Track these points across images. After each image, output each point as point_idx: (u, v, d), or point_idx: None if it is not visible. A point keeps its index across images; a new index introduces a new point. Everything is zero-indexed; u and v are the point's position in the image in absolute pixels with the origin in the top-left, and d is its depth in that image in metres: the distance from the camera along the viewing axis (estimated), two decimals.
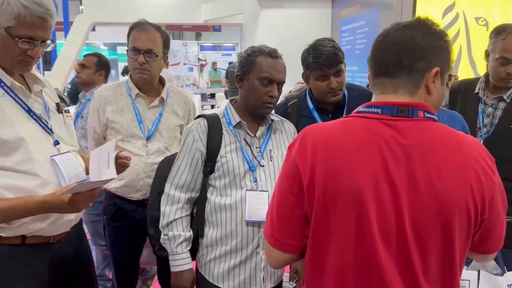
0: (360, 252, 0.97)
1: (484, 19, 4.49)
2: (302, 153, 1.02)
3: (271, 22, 6.00)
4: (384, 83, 1.02)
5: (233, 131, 1.64)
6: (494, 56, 2.00)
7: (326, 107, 1.95)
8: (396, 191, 0.95)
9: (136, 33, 2.00)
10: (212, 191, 1.64)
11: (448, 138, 0.99)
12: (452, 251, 0.98)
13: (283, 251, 1.08)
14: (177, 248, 1.63)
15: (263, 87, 1.59)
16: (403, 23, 1.03)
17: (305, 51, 1.90)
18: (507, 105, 2.03)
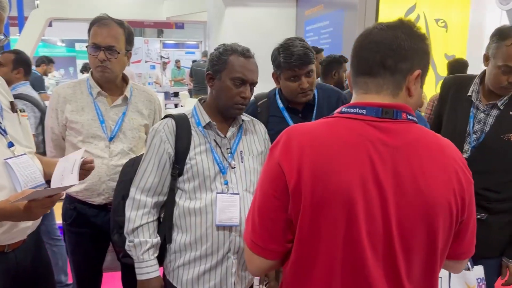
0: (348, 256, 0.96)
1: (444, 20, 4.64)
2: (287, 155, 0.98)
3: (235, 20, 5.95)
4: (367, 83, 1.01)
5: (202, 132, 1.58)
6: (496, 63, 1.80)
7: (296, 107, 1.93)
8: (384, 193, 0.94)
9: (97, 28, 1.89)
10: (180, 195, 1.58)
11: (429, 140, 1.00)
12: (434, 252, 0.99)
13: (265, 257, 1.04)
14: (143, 255, 1.56)
15: (236, 88, 1.54)
16: (386, 23, 1.01)
17: (275, 51, 1.86)
18: (501, 113, 1.87)
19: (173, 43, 13.71)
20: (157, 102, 2.13)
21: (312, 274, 0.99)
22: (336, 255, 0.96)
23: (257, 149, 1.66)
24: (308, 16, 5.41)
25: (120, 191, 1.72)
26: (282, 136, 1.02)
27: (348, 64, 3.11)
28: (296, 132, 1.01)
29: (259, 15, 5.87)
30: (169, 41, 13.72)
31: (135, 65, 12.31)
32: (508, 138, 1.83)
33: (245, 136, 1.65)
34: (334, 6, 4.62)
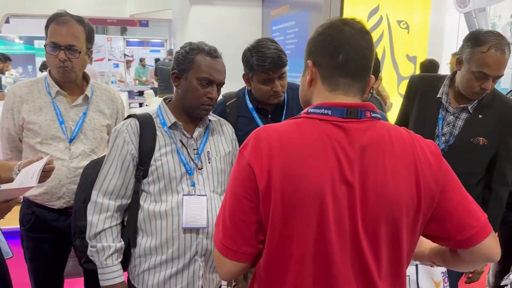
0: (319, 255, 0.97)
1: (406, 22, 4.76)
2: (257, 156, 0.97)
3: (201, 19, 5.89)
4: (350, 85, 1.02)
5: (168, 132, 1.54)
6: (470, 68, 1.78)
7: (266, 108, 1.92)
8: (351, 193, 0.96)
9: (56, 26, 1.80)
10: (145, 197, 1.53)
11: (393, 136, 1.01)
12: (400, 249, 1.00)
13: (237, 260, 1.03)
14: (106, 261, 1.50)
15: (202, 88, 1.50)
16: (355, 25, 1.02)
17: (247, 52, 1.83)
18: (470, 116, 1.88)
19: (137, 41, 13.41)
20: (120, 101, 2.06)
21: (285, 274, 0.99)
22: (307, 254, 0.96)
23: (224, 149, 1.64)
24: (274, 16, 5.42)
25: (81, 194, 1.65)
26: (251, 137, 1.01)
27: None
28: (265, 133, 1.00)
29: (225, 14, 5.83)
30: (133, 39, 13.41)
31: (98, 63, 11.96)
32: (477, 142, 1.85)
33: (212, 137, 1.63)
34: (299, 6, 4.65)
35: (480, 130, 1.85)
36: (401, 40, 4.74)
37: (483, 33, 1.80)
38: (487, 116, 1.86)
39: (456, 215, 1.02)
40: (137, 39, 13.46)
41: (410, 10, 4.73)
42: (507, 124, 1.85)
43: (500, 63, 1.74)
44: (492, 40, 1.75)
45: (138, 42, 13.37)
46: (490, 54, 1.73)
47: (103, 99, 1.98)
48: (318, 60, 1.03)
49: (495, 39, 1.75)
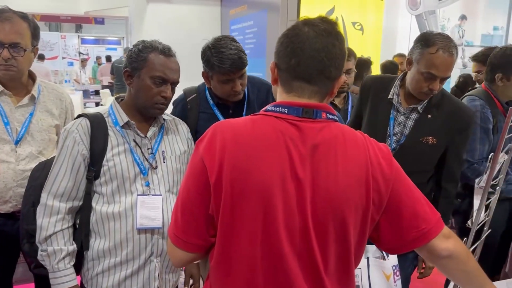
0: (267, 250, 0.98)
1: (360, 24, 4.89)
2: (210, 150, 0.99)
3: (158, 17, 5.81)
4: (303, 88, 1.02)
5: (120, 132, 1.51)
6: (420, 69, 1.81)
7: (227, 103, 1.93)
8: (301, 189, 0.98)
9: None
10: (97, 199, 1.50)
11: (346, 137, 1.04)
12: (348, 246, 1.03)
13: (187, 250, 1.05)
14: (58, 264, 1.46)
15: (156, 87, 1.48)
16: (319, 25, 1.01)
17: (207, 50, 1.81)
18: (420, 116, 1.92)
19: (93, 39, 13.04)
20: (69, 100, 1.99)
21: (234, 267, 1.01)
22: (256, 249, 0.98)
23: (180, 149, 1.63)
24: (233, 15, 5.43)
25: (29, 197, 1.60)
26: (209, 132, 1.03)
27: None
28: (220, 128, 1.02)
29: (184, 12, 5.77)
30: (88, 37, 13.02)
31: (51, 62, 11.53)
32: (427, 141, 1.90)
33: (167, 136, 1.61)
34: (257, 6, 4.68)
35: (429, 129, 1.91)
36: (356, 41, 4.87)
37: (433, 35, 1.84)
38: (436, 116, 1.92)
39: (406, 216, 1.06)
40: (92, 37, 13.08)
41: (364, 12, 4.87)
42: (455, 123, 1.91)
43: (448, 64, 1.79)
44: (441, 42, 1.78)
45: (94, 40, 13.00)
46: (438, 55, 1.77)
47: (51, 98, 1.91)
48: (278, 62, 1.05)
49: (443, 41, 1.80)
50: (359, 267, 1.63)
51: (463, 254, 1.11)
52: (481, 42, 5.49)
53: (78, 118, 1.52)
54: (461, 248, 1.11)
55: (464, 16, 5.36)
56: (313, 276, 1.01)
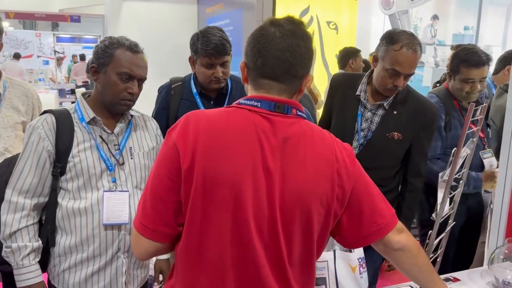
0: (237, 238, 1.00)
1: (334, 23, 4.96)
2: (183, 137, 1.00)
3: (134, 15, 5.76)
4: (271, 85, 1.06)
5: (86, 128, 1.51)
6: (384, 66, 1.85)
7: (209, 94, 1.99)
8: (271, 181, 1.01)
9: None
10: (63, 195, 1.49)
11: (314, 134, 1.08)
12: (311, 239, 1.06)
13: (154, 239, 1.04)
14: (23, 261, 1.45)
15: (122, 83, 1.48)
16: (284, 26, 1.04)
17: (195, 36, 1.92)
18: (385, 112, 1.96)
19: (69, 37, 12.82)
20: (36, 96, 1.97)
21: (202, 257, 1.02)
22: (225, 237, 1.00)
23: (148, 145, 1.63)
24: (210, 14, 5.42)
25: None
26: (181, 120, 1.05)
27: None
28: (194, 117, 1.04)
29: (160, 10, 5.74)
30: (64, 35, 12.80)
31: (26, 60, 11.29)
32: (393, 137, 1.94)
33: (135, 132, 1.61)
34: (233, 5, 4.69)
35: (394, 125, 1.95)
36: (331, 40, 4.94)
37: (397, 33, 1.87)
38: (401, 112, 1.96)
39: (366, 213, 1.12)
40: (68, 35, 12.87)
41: (338, 12, 4.94)
42: (419, 119, 1.97)
43: (411, 61, 1.83)
44: (405, 39, 1.81)
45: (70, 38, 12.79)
46: (402, 52, 1.80)
47: (17, 95, 1.90)
48: (247, 61, 1.08)
49: (407, 38, 1.84)
50: (325, 260, 1.66)
51: (415, 248, 1.18)
52: (452, 41, 5.62)
53: (43, 114, 1.51)
54: (413, 242, 1.19)
55: (436, 16, 5.49)
56: (278, 266, 1.04)
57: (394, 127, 1.95)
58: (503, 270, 1.70)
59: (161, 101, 2.07)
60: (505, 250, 1.75)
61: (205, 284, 1.03)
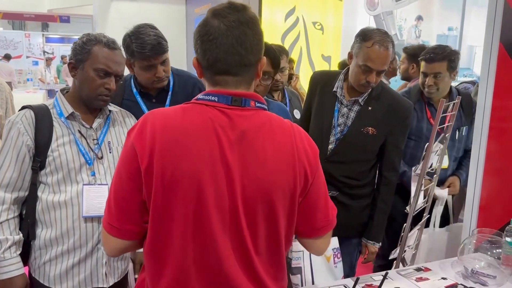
0: (198, 231, 1.02)
1: (320, 23, 5.03)
2: (141, 137, 1.02)
3: (123, 15, 5.78)
4: (227, 81, 1.06)
5: (65, 123, 1.54)
6: (358, 62, 1.93)
7: (150, 92, 1.95)
8: (230, 173, 1.02)
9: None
10: (43, 189, 1.53)
11: (274, 125, 1.09)
12: (277, 228, 1.09)
13: (121, 238, 1.07)
14: (4, 254, 1.48)
15: (100, 79, 1.52)
16: (228, 16, 1.03)
17: (127, 37, 1.82)
18: (361, 108, 2.03)
19: (58, 38, 12.78)
20: (8, 90, 1.98)
21: (167, 252, 1.04)
22: (188, 231, 1.02)
23: None
24: (198, 14, 5.46)
25: None
26: (140, 121, 1.07)
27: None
28: (152, 116, 1.06)
29: (148, 11, 5.76)
30: (53, 36, 12.75)
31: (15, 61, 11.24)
32: (367, 131, 2.01)
33: (113, 127, 1.65)
34: None
35: (369, 120, 2.02)
36: (317, 40, 5.01)
37: (370, 30, 1.96)
38: (376, 108, 2.03)
39: (320, 206, 1.17)
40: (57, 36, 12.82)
41: (324, 12, 5.01)
42: (393, 115, 2.04)
43: (383, 58, 1.91)
44: (377, 37, 1.89)
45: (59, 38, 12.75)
46: (373, 49, 1.88)
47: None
48: (198, 58, 1.08)
49: (379, 36, 1.91)
50: (300, 250, 1.72)
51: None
52: (436, 41, 5.71)
53: (22, 109, 1.54)
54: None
55: (420, 16, 5.56)
56: (244, 256, 1.06)
57: (369, 123, 2.02)
58: (472, 260, 1.77)
59: None
60: (474, 240, 1.81)
61: (170, 277, 1.05)
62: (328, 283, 1.64)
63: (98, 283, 1.57)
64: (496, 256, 1.73)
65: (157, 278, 1.07)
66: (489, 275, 1.68)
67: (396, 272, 1.76)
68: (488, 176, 1.95)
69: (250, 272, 1.08)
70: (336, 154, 2.06)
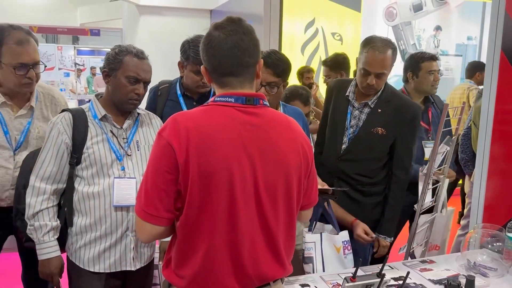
0: (230, 212, 1.20)
1: (339, 34, 5.17)
2: (176, 136, 1.18)
3: (150, 28, 6.07)
4: (232, 81, 1.26)
5: (99, 124, 1.73)
6: (359, 66, 2.13)
7: (192, 95, 2.18)
8: (252, 161, 1.22)
9: (17, 47, 1.83)
10: (79, 182, 1.71)
11: (281, 119, 1.33)
12: (292, 204, 1.31)
13: (158, 224, 1.23)
14: (43, 237, 1.68)
15: (130, 85, 1.71)
16: (226, 27, 1.23)
17: (186, 43, 2.08)
18: (371, 110, 2.19)
19: (89, 50, 13.30)
20: (63, 103, 2.14)
21: (202, 230, 1.22)
22: (220, 213, 1.20)
23: (153, 138, 1.84)
24: None
25: (21, 181, 1.81)
26: (169, 122, 1.24)
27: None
28: (181, 118, 1.24)
29: (174, 24, 6.03)
30: (84, 48, 13.29)
31: (47, 73, 11.74)
32: (377, 132, 2.17)
33: (141, 128, 1.83)
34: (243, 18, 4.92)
35: (378, 121, 2.18)
36: (336, 50, 5.13)
37: (372, 37, 2.14)
38: (385, 110, 2.19)
39: (314, 186, 1.43)
40: (88, 48, 13.34)
41: (342, 23, 5.15)
42: (401, 116, 2.18)
43: (378, 61, 2.06)
44: (375, 43, 2.07)
45: (89, 51, 13.25)
46: (370, 53, 2.06)
47: (47, 104, 2.07)
48: (206, 66, 1.28)
49: (378, 42, 2.08)
50: (313, 241, 1.86)
51: None
52: (455, 51, 5.76)
53: (62, 112, 1.75)
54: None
55: (439, 27, 5.62)
56: (266, 231, 1.26)
57: (378, 123, 2.18)
58: (475, 254, 1.86)
59: (149, 101, 2.28)
60: (478, 235, 1.91)
61: (202, 252, 1.22)
62: (337, 272, 1.78)
63: (126, 266, 1.75)
64: (496, 250, 1.83)
65: (191, 253, 1.24)
66: (491, 267, 1.78)
67: (402, 264, 1.88)
68: (492, 176, 2.04)
69: (272, 246, 1.28)
70: (348, 153, 2.22)
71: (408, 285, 1.68)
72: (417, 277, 1.76)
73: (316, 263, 1.85)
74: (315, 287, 1.70)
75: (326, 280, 1.74)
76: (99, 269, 1.73)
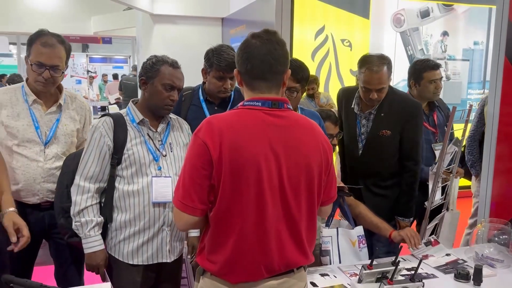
0: (258, 205, 1.33)
1: (348, 40, 5.33)
2: (211, 136, 1.32)
3: (164, 36, 6.23)
4: (261, 86, 1.40)
5: (137, 127, 1.90)
6: (360, 84, 2.39)
7: (213, 100, 2.34)
8: (278, 159, 1.35)
9: (42, 48, 2.01)
10: (119, 181, 1.87)
11: (304, 121, 1.47)
12: (313, 198, 1.44)
13: (193, 214, 1.37)
14: (89, 232, 1.84)
15: (166, 92, 1.87)
16: (262, 36, 1.38)
17: (210, 51, 2.23)
18: (375, 116, 2.46)
19: (100, 58, 13.58)
20: (88, 108, 2.32)
21: (234, 220, 1.36)
22: (250, 205, 1.34)
23: (183, 141, 2.01)
24: (233, 34, 5.84)
25: (63, 181, 1.98)
26: (204, 123, 1.39)
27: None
28: (215, 120, 1.39)
29: (187, 32, 6.19)
30: (96, 56, 13.57)
31: None
32: (383, 134, 2.44)
33: (173, 131, 2.00)
34: (254, 26, 5.09)
35: (383, 125, 2.44)
36: (345, 56, 5.30)
37: (366, 57, 2.38)
38: (387, 113, 2.44)
39: (333, 183, 1.56)
40: (100, 56, 13.61)
41: (352, 30, 5.31)
42: (403, 115, 2.43)
43: (376, 79, 2.30)
44: (370, 63, 2.30)
45: (101, 58, 13.52)
46: (367, 74, 2.31)
47: (74, 107, 2.24)
48: (239, 68, 1.42)
49: (374, 61, 2.30)
50: (329, 235, 2.01)
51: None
52: (462, 56, 5.89)
53: (102, 117, 1.92)
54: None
55: (446, 32, 5.76)
56: (290, 222, 1.39)
57: (383, 126, 2.45)
58: (482, 247, 2.00)
59: None
60: (487, 230, 2.05)
61: (234, 238, 1.36)
62: (352, 263, 1.93)
63: (162, 258, 1.91)
64: (503, 243, 1.97)
65: (222, 241, 1.38)
66: (498, 259, 1.92)
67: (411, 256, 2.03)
68: (498, 174, 2.19)
69: (295, 236, 1.41)
70: (364, 155, 2.50)
71: (420, 274, 1.82)
72: (427, 268, 1.91)
73: (333, 255, 2.01)
74: (334, 276, 1.85)
75: (344, 270, 1.90)
76: (138, 262, 1.88)
